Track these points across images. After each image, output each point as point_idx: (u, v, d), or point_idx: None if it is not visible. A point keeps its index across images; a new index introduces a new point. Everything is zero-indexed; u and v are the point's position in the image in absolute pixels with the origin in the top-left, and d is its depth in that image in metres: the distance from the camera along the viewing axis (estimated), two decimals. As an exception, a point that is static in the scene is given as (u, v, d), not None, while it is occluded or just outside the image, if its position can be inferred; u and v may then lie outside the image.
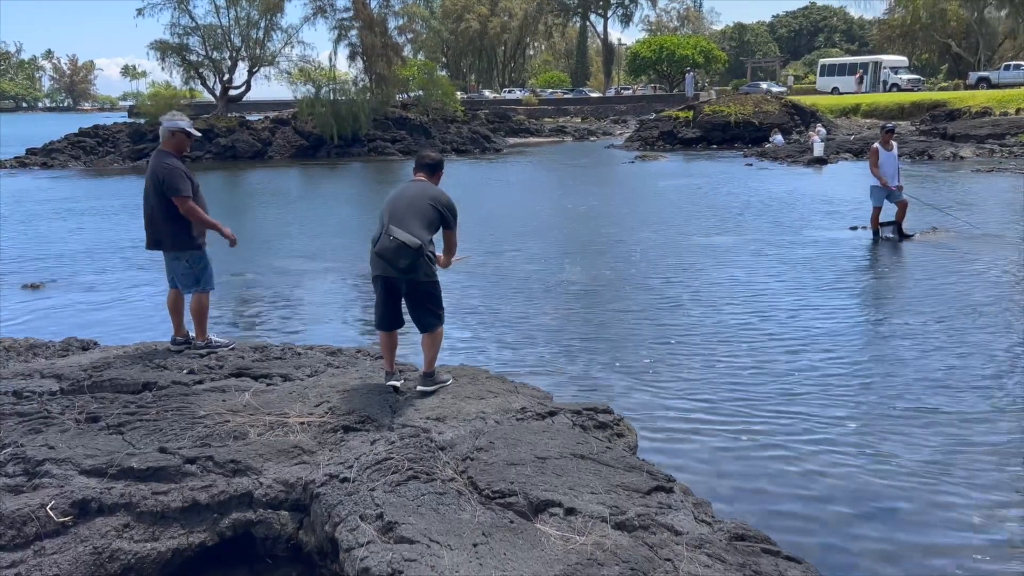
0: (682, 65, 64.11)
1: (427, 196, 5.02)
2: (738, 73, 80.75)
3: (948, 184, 19.32)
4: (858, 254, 11.71)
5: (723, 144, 33.62)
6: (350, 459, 4.22)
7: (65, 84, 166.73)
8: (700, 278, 10.23)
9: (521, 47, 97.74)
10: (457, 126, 40.62)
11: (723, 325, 8.09)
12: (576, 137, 46.76)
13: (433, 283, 5.07)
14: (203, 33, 38.06)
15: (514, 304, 9.14)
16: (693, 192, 19.50)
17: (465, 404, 5.01)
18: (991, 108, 31.13)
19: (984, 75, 46.45)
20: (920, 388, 6.23)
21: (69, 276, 11.11)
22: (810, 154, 26.45)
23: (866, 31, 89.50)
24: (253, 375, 5.63)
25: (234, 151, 34.42)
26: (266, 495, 4.01)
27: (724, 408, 5.94)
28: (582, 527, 3.60)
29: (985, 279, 9.64)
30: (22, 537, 3.61)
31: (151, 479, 4.04)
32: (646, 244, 12.70)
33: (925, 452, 5.13)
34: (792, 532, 4.24)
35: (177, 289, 6.19)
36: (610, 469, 4.16)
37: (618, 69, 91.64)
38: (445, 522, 3.60)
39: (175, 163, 5.87)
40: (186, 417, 4.71)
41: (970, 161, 24.45)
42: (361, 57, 39.99)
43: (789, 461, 5.07)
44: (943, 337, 7.47)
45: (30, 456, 4.15)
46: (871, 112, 38.73)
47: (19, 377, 5.47)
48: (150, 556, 3.69)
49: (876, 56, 55.58)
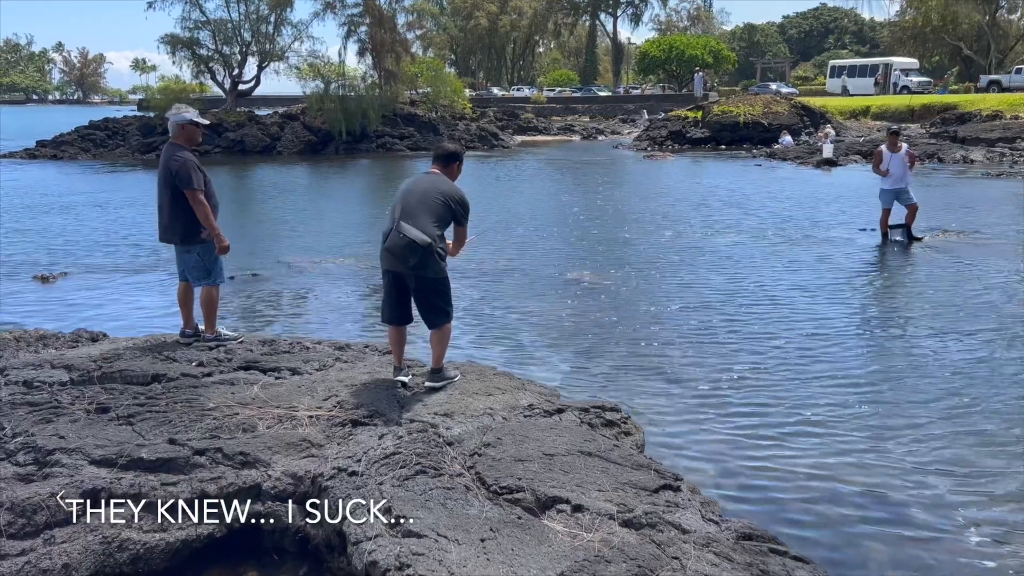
0: (691, 65, 63.93)
1: (439, 191, 4.98)
2: (748, 74, 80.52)
3: (958, 187, 19.24)
4: (867, 256, 11.67)
5: (732, 144, 33.52)
6: (358, 453, 4.23)
7: (75, 77, 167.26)
8: (708, 278, 10.21)
9: (530, 45, 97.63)
10: (466, 123, 40.60)
11: (729, 325, 8.08)
12: (584, 136, 46.73)
13: (442, 280, 5.06)
14: (213, 27, 38.13)
15: (522, 301, 9.14)
16: (701, 192, 19.46)
17: (473, 400, 5.02)
18: (1002, 112, 30.94)
19: (995, 78, 46.19)
20: (931, 389, 6.21)
21: (79, 268, 11.15)
22: (819, 155, 26.37)
23: (877, 33, 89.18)
24: (262, 368, 5.65)
25: (243, 146, 34.48)
26: (275, 487, 4.03)
27: (732, 408, 5.93)
28: (589, 524, 3.60)
29: (994, 282, 9.60)
30: (32, 526, 3.63)
31: (160, 470, 4.06)
32: (653, 244, 12.68)
33: (936, 453, 5.12)
34: (800, 532, 4.24)
35: (187, 282, 6.22)
36: (617, 467, 4.16)
37: (627, 68, 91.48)
38: (453, 517, 3.61)
39: (187, 156, 5.88)
40: (195, 409, 4.73)
41: (980, 165, 24.34)
42: (370, 53, 39.99)
43: (797, 461, 5.06)
44: (954, 339, 7.45)
45: (40, 445, 4.17)
46: (881, 114, 38.58)
47: (29, 367, 5.50)
48: (159, 546, 3.71)
49: (887, 58, 55.34)
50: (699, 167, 26.91)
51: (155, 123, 34.33)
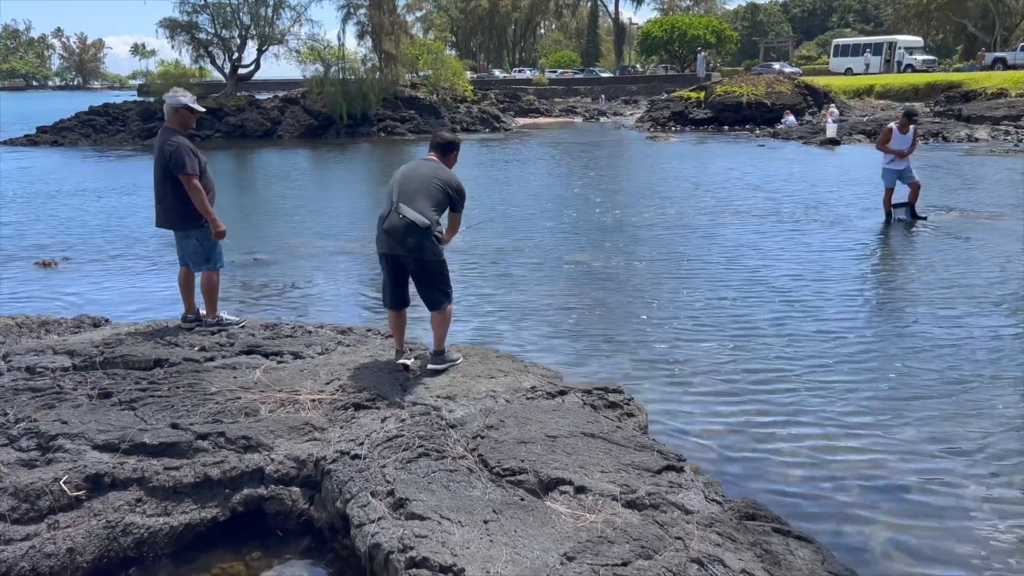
0: (694, 45, 63.43)
1: (438, 178, 5.01)
2: (750, 54, 79.89)
3: (962, 165, 19.12)
4: (870, 236, 11.62)
5: (735, 125, 33.33)
6: (361, 436, 4.23)
7: (75, 63, 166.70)
8: (711, 260, 10.18)
9: (532, 26, 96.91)
10: (467, 106, 40.42)
11: (734, 307, 8.05)
12: (586, 118, 46.50)
13: (440, 262, 5.08)
14: (212, 11, 37.97)
15: (526, 284, 9.12)
16: (705, 173, 19.37)
17: (475, 383, 5.01)
18: (1007, 89, 30.69)
19: (1000, 55, 45.80)
20: (937, 368, 6.19)
21: (81, 254, 11.14)
22: (823, 135, 26.22)
23: (881, 11, 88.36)
24: (264, 352, 5.65)
25: (243, 130, 34.39)
26: (277, 471, 4.04)
27: (735, 389, 5.92)
28: (592, 505, 3.60)
29: (999, 261, 9.55)
30: (36, 511, 3.64)
31: (163, 454, 4.07)
32: (657, 225, 12.63)
33: (938, 435, 5.11)
34: (803, 512, 4.23)
35: (188, 267, 6.20)
36: (620, 448, 4.15)
37: (629, 49, 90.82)
38: (456, 499, 3.61)
39: (181, 140, 5.84)
40: (197, 393, 4.73)
41: (985, 143, 24.18)
42: (370, 35, 39.77)
43: (801, 441, 5.05)
44: (957, 321, 7.42)
45: (43, 431, 4.18)
46: (885, 93, 38.32)
47: (32, 353, 5.50)
48: (163, 530, 3.72)
49: (891, 36, 54.85)
50: (702, 148, 26.77)
51: (155, 108, 34.24)
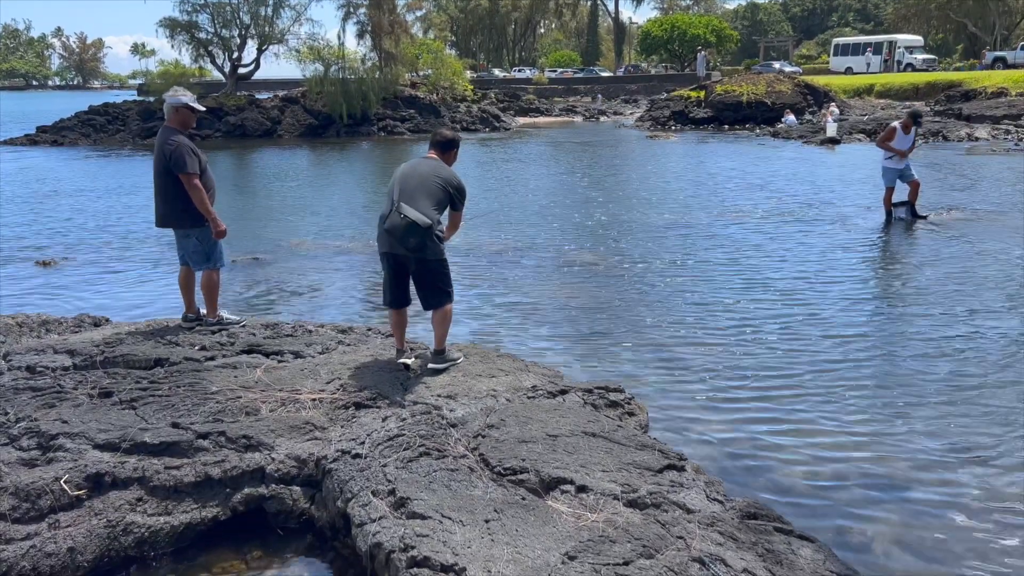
0: (694, 44, 63.43)
1: (438, 176, 5.00)
2: (750, 53, 79.84)
3: (963, 165, 19.11)
4: (871, 235, 11.61)
5: (735, 124, 33.34)
6: (362, 435, 4.22)
7: (74, 62, 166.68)
8: (712, 259, 10.17)
9: (531, 26, 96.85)
10: (467, 105, 40.41)
11: (735, 306, 8.05)
12: (586, 117, 46.50)
13: (441, 261, 5.07)
14: (212, 10, 37.98)
15: (526, 283, 9.11)
16: (705, 172, 19.36)
17: (476, 382, 5.01)
18: (1007, 89, 30.68)
19: (1000, 55, 45.78)
20: (939, 368, 6.18)
21: (81, 253, 11.14)
22: (823, 134, 26.21)
23: (881, 10, 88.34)
24: (264, 352, 5.64)
25: (243, 129, 34.40)
26: (278, 470, 4.03)
27: (736, 388, 5.92)
28: (594, 504, 3.60)
29: (1000, 260, 9.54)
30: (37, 510, 3.64)
31: (164, 454, 4.06)
32: (658, 225, 12.63)
33: (940, 434, 5.10)
34: (804, 512, 4.23)
35: (188, 266, 6.19)
36: (621, 447, 4.15)
37: (629, 48, 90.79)
38: (457, 498, 3.61)
39: (181, 139, 5.83)
40: (198, 393, 4.73)
41: (985, 142, 24.16)
42: (369, 35, 39.76)
43: (802, 441, 5.04)
44: (959, 320, 7.41)
45: (44, 430, 4.17)
46: (885, 92, 38.30)
47: (32, 352, 5.50)
48: (164, 530, 3.72)
49: (891, 36, 54.83)
50: (702, 147, 26.76)
51: (155, 108, 34.25)
